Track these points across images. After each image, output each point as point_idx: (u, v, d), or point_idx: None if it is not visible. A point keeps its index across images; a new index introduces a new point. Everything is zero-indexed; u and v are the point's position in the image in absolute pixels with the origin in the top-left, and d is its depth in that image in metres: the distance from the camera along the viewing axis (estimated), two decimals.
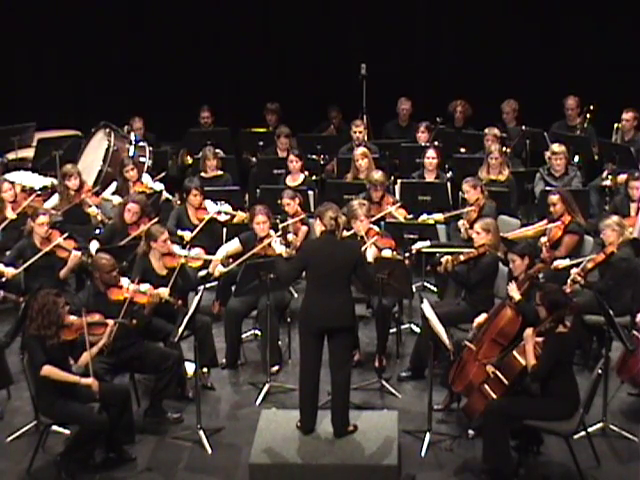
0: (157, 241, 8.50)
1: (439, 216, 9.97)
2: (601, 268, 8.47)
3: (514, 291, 7.55)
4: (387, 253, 8.78)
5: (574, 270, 8.44)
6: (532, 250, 8.24)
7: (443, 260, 8.44)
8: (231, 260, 9.11)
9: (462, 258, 8.42)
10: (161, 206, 10.58)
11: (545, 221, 9.45)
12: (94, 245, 9.46)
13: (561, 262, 8.80)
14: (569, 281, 8.37)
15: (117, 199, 10.49)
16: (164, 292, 8.02)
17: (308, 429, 7.29)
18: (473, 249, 8.43)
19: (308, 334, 7.28)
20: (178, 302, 8.15)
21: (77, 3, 13.75)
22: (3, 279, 9.00)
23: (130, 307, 7.74)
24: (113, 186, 10.81)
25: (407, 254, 8.94)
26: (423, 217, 9.97)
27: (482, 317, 7.74)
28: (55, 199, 10.38)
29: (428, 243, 9.16)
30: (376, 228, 9.14)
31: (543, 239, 9.22)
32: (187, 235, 9.77)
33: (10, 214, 9.93)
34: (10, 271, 8.92)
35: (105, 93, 13.84)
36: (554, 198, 9.36)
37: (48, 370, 6.94)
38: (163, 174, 11.38)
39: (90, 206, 10.22)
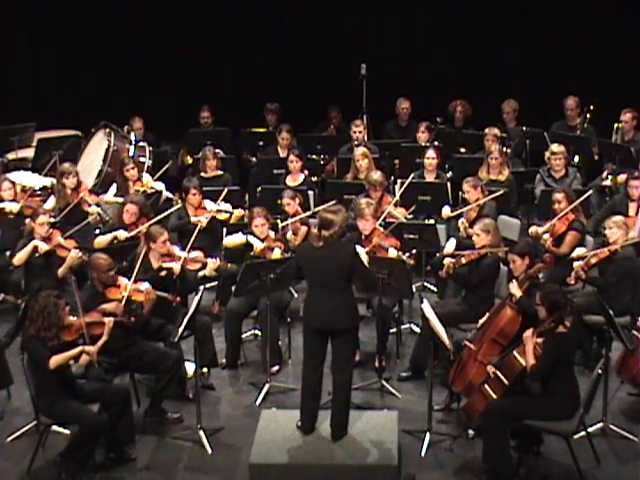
0: (156, 242, 8.51)
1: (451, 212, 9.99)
2: (602, 266, 8.48)
3: (515, 288, 7.55)
4: (392, 252, 8.77)
5: (577, 263, 8.44)
6: (532, 250, 8.24)
7: (445, 263, 8.43)
8: (229, 266, 9.07)
9: (464, 261, 8.40)
10: (161, 206, 10.56)
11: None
12: None
13: (579, 250, 8.81)
14: (572, 274, 8.38)
15: (120, 201, 10.46)
16: (176, 268, 8.39)
17: (308, 429, 7.29)
18: (475, 251, 8.42)
19: (310, 334, 7.27)
20: (176, 299, 8.16)
21: (77, 3, 13.75)
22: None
23: (129, 305, 7.74)
24: (113, 188, 10.79)
25: (410, 254, 8.90)
26: (445, 210, 9.97)
27: (486, 317, 7.71)
28: (52, 201, 10.35)
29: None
30: (381, 228, 9.10)
31: (545, 236, 9.19)
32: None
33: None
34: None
35: (105, 93, 13.83)
36: (559, 196, 9.37)
37: (55, 361, 6.92)
38: (165, 168, 11.33)
39: (90, 205, 10.21)
